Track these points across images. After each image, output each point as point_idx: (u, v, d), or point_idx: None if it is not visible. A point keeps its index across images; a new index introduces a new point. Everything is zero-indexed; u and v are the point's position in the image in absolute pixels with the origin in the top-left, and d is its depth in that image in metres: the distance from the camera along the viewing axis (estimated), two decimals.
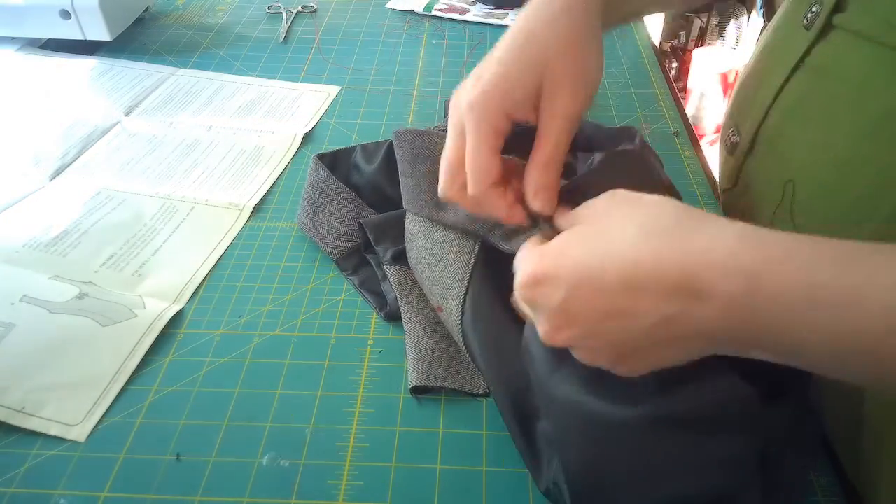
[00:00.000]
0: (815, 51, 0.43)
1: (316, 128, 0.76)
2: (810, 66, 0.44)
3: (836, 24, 0.42)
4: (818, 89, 0.43)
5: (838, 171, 0.41)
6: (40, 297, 0.53)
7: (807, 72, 0.44)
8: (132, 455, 0.44)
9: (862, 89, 0.40)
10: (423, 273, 0.52)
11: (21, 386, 0.47)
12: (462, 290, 0.49)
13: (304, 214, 0.61)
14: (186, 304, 0.54)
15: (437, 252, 0.52)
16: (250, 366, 0.50)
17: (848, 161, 0.40)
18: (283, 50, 0.92)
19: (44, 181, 0.66)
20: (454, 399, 0.48)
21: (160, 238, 0.60)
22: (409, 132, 0.56)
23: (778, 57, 0.47)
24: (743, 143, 0.49)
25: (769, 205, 0.46)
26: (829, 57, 0.42)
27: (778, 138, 0.46)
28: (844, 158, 0.40)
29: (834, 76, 0.42)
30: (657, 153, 0.51)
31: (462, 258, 0.50)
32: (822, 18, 0.42)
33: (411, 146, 0.55)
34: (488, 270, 0.50)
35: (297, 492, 0.42)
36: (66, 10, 0.83)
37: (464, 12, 1.01)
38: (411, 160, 0.55)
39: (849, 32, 0.41)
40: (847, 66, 0.41)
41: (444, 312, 0.50)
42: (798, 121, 0.44)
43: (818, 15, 0.42)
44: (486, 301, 0.49)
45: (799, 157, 0.44)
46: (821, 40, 0.43)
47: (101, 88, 0.82)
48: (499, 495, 0.42)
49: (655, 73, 0.87)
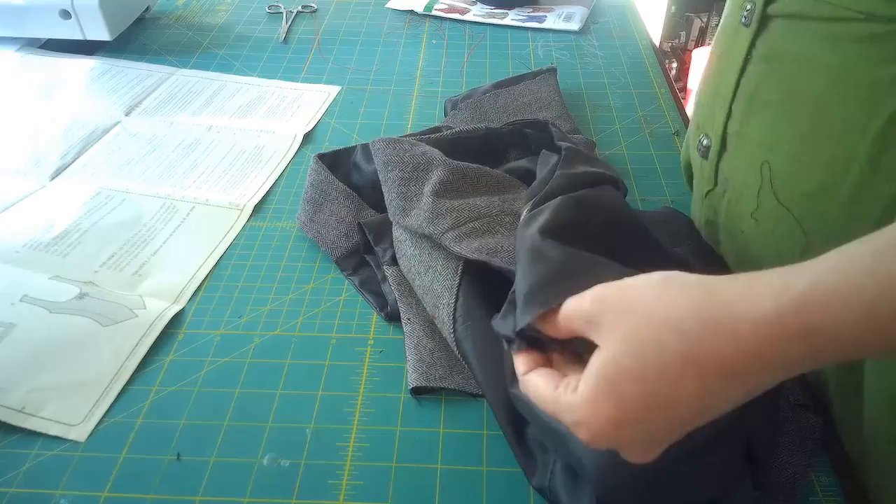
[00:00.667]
0: (759, 42, 0.46)
1: (316, 128, 0.76)
2: (757, 56, 0.46)
3: (771, 13, 0.45)
4: (771, 72, 0.46)
5: (806, 141, 0.43)
6: (40, 297, 0.53)
7: (756, 62, 0.47)
8: (132, 455, 0.44)
9: (810, 63, 0.42)
10: (414, 281, 0.53)
11: (21, 386, 0.47)
12: (452, 298, 0.49)
13: (304, 214, 0.61)
14: (187, 304, 0.54)
15: (425, 259, 0.52)
16: (251, 366, 0.50)
17: (813, 130, 0.43)
18: (283, 50, 0.92)
19: (44, 181, 0.66)
20: (454, 399, 0.48)
21: (160, 238, 0.60)
22: (382, 141, 0.59)
23: (726, 58, 0.49)
24: (714, 144, 0.52)
25: (751, 191, 0.47)
26: (773, 44, 0.45)
27: (745, 128, 0.48)
28: (809, 128, 0.43)
29: (782, 59, 0.45)
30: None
31: (450, 265, 0.51)
32: (757, 11, 0.45)
33: (383, 154, 0.58)
34: (477, 276, 0.50)
35: (298, 492, 0.42)
36: (66, 10, 0.83)
37: (464, 12, 1.01)
38: (384, 168, 0.57)
39: (784, 18, 0.44)
40: (789, 47, 0.44)
41: (438, 320, 0.50)
42: (759, 105, 0.47)
43: (753, 10, 0.46)
44: (476, 308, 0.48)
45: (767, 139, 0.46)
46: (762, 32, 0.46)
47: (101, 88, 0.82)
48: (499, 495, 0.42)
49: (655, 73, 0.87)
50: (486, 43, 0.94)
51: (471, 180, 0.55)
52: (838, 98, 0.41)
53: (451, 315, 0.49)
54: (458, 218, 0.52)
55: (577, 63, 0.89)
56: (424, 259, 0.52)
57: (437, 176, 0.54)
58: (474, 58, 0.90)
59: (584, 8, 1.02)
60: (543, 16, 1.00)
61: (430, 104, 0.80)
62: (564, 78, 0.83)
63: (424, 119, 0.78)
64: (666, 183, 0.67)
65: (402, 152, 0.57)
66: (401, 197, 0.55)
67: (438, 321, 0.50)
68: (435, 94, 0.82)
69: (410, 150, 0.57)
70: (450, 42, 0.94)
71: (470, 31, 0.97)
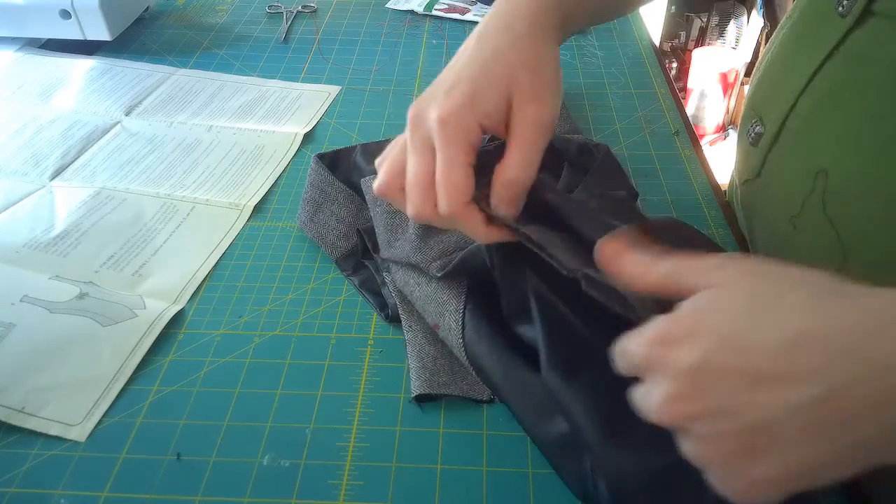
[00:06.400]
0: (852, 38, 0.42)
1: (316, 128, 0.76)
2: (846, 53, 0.42)
3: (875, 10, 0.40)
4: (854, 77, 0.41)
5: (876, 160, 0.39)
6: (40, 297, 0.53)
7: (841, 59, 0.42)
8: (132, 455, 0.44)
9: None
10: (413, 293, 0.52)
11: (21, 386, 0.47)
12: (461, 304, 0.49)
13: (304, 214, 0.61)
14: (187, 304, 0.54)
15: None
16: (251, 366, 0.50)
17: (886, 150, 0.39)
18: (283, 50, 0.92)
19: (44, 181, 0.66)
20: (455, 400, 0.48)
21: (160, 238, 0.60)
22: (372, 178, 0.59)
23: (807, 45, 0.45)
24: (768, 132, 0.48)
25: (797, 196, 0.44)
26: (868, 44, 0.41)
27: (808, 127, 0.44)
28: (883, 147, 0.39)
29: (872, 64, 0.40)
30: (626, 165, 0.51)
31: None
32: (860, 5, 0.41)
33: (371, 190, 0.57)
34: (483, 285, 0.50)
35: (298, 492, 0.42)
36: (66, 10, 0.83)
37: (464, 12, 1.01)
38: (372, 204, 0.57)
39: (889, 18, 0.39)
40: (887, 53, 0.39)
41: (443, 329, 0.49)
42: (831, 109, 0.43)
43: (855, 2, 0.41)
44: (485, 311, 0.48)
45: (832, 146, 0.42)
46: (858, 27, 0.41)
47: (101, 88, 0.82)
48: (499, 495, 0.42)
49: (655, 73, 0.87)
50: None
51: None
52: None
53: (460, 322, 0.48)
54: (446, 248, 0.52)
55: (576, 63, 0.89)
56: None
57: None
58: None
59: None
60: None
61: None
62: (564, 78, 0.83)
63: None
64: (666, 183, 0.67)
65: None
66: (387, 230, 0.55)
67: (443, 329, 0.49)
68: None
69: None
70: (450, 42, 0.94)
71: (470, 31, 0.97)
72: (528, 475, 0.43)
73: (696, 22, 2.15)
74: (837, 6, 0.42)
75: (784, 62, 0.48)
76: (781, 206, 0.46)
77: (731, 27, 2.16)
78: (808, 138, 0.45)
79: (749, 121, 0.51)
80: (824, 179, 0.42)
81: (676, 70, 2.22)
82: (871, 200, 0.39)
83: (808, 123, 0.45)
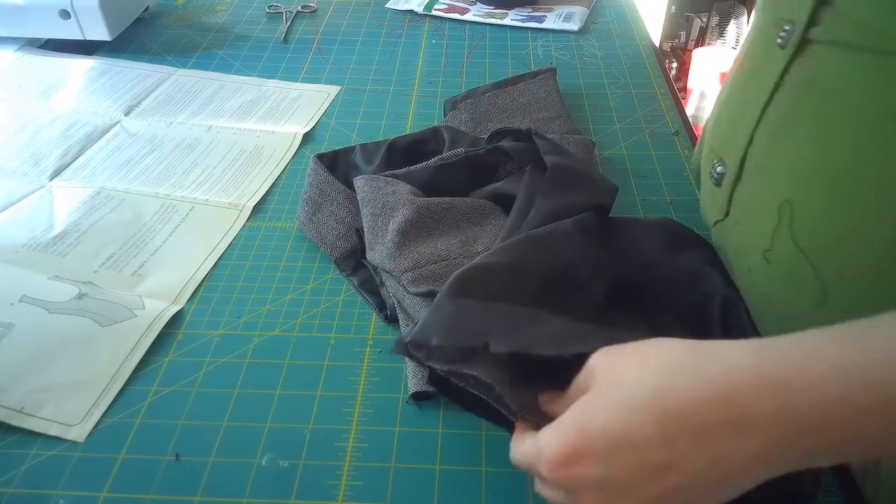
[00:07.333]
0: (794, 67, 0.42)
1: (316, 128, 0.76)
2: (790, 83, 0.43)
3: (812, 38, 0.40)
4: (804, 104, 0.42)
5: (839, 183, 0.39)
6: (40, 297, 0.53)
7: (788, 89, 0.43)
8: (131, 455, 0.44)
9: (850, 97, 0.38)
10: (404, 300, 0.52)
11: (20, 386, 0.47)
12: None
13: (303, 215, 0.61)
14: (186, 305, 0.54)
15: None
16: (250, 366, 0.50)
17: (848, 172, 0.39)
18: (282, 50, 0.92)
19: (43, 181, 0.66)
20: None
21: (160, 238, 0.60)
22: (362, 178, 0.60)
23: (755, 80, 0.46)
24: (730, 172, 0.48)
25: (767, 229, 0.44)
26: (810, 71, 0.41)
27: (767, 160, 0.45)
28: (844, 170, 0.39)
29: (818, 89, 0.41)
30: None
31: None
32: (797, 34, 0.41)
33: (361, 192, 0.59)
34: None
35: (297, 492, 0.42)
36: (66, 10, 0.83)
37: (464, 12, 1.01)
38: (361, 205, 0.58)
39: (826, 44, 0.40)
40: (830, 77, 0.40)
41: None
42: (787, 139, 0.43)
43: (792, 32, 0.41)
44: None
45: (793, 176, 0.42)
46: (798, 56, 0.42)
47: (101, 88, 0.81)
48: (498, 496, 0.42)
49: (655, 73, 0.87)
50: (486, 43, 0.94)
51: (436, 216, 0.56)
52: (882, 140, 0.37)
53: None
54: (419, 260, 0.52)
55: (576, 63, 0.89)
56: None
57: (403, 215, 0.55)
58: (474, 58, 0.90)
59: (584, 8, 1.02)
60: (543, 16, 1.00)
61: (430, 104, 0.80)
62: (564, 78, 0.83)
63: (424, 119, 0.78)
64: (666, 183, 0.67)
65: (376, 190, 0.58)
66: (370, 232, 0.56)
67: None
68: (434, 94, 0.82)
69: (384, 189, 0.58)
70: (449, 42, 0.94)
71: (470, 31, 0.97)
72: (526, 476, 0.43)
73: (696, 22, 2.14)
74: (777, 38, 0.43)
75: (737, 100, 0.49)
76: (753, 242, 0.46)
77: (731, 27, 2.16)
78: (768, 171, 0.45)
79: (710, 162, 0.51)
80: (789, 210, 0.42)
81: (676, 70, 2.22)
82: (836, 227, 0.39)
83: (767, 156, 0.45)
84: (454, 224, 0.56)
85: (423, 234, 0.55)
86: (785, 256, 0.43)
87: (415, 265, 0.52)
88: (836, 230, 0.39)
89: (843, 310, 0.30)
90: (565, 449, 0.30)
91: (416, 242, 0.54)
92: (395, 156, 0.65)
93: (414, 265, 0.52)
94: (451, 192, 0.59)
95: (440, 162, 0.62)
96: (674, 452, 0.29)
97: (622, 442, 0.29)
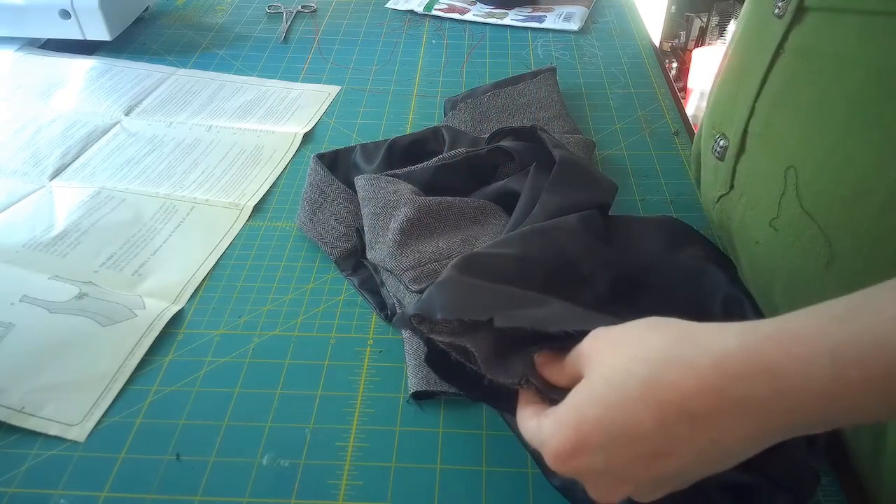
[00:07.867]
0: (792, 35, 0.43)
1: (316, 128, 0.76)
2: (790, 50, 0.44)
3: (808, 5, 0.42)
4: (803, 70, 0.43)
5: (839, 144, 0.40)
6: (40, 297, 0.53)
7: (788, 57, 0.44)
8: (132, 455, 0.44)
9: (848, 59, 0.40)
10: (404, 299, 0.52)
11: (21, 386, 0.47)
12: None
13: (303, 214, 0.61)
14: (186, 304, 0.54)
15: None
16: (250, 366, 0.50)
17: (847, 132, 0.40)
18: (283, 50, 0.92)
19: (43, 181, 0.66)
20: (454, 399, 0.48)
21: (160, 238, 0.60)
22: (364, 178, 0.60)
23: (754, 51, 0.47)
24: (732, 144, 0.49)
25: (772, 198, 0.45)
26: (808, 37, 0.43)
27: (769, 129, 0.46)
28: (843, 130, 0.40)
29: (817, 54, 0.42)
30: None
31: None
32: (793, 3, 0.42)
33: (362, 191, 0.59)
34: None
35: (297, 492, 0.42)
36: (66, 10, 0.83)
37: (464, 12, 1.01)
38: (362, 204, 0.58)
39: (822, 11, 0.41)
40: (828, 42, 0.41)
41: None
42: (788, 106, 0.44)
43: (788, 1, 0.43)
44: None
45: (795, 141, 0.43)
46: (795, 24, 0.43)
47: (101, 88, 0.82)
48: (499, 495, 0.42)
49: (655, 73, 0.87)
50: (486, 43, 0.94)
51: (437, 215, 0.56)
52: (879, 99, 0.38)
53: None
54: (420, 259, 0.52)
55: (576, 63, 0.89)
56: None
57: (403, 214, 0.55)
58: (474, 58, 0.90)
59: (584, 8, 1.02)
60: (543, 16, 1.00)
61: (430, 104, 0.80)
62: (564, 78, 0.83)
63: (424, 119, 0.78)
64: (666, 183, 0.67)
65: (378, 189, 0.58)
66: (370, 230, 0.56)
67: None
68: (435, 94, 0.82)
69: (385, 188, 0.58)
70: (449, 42, 0.94)
71: (470, 31, 0.97)
72: (527, 475, 0.43)
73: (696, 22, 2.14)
74: (774, 8, 0.44)
75: (736, 75, 0.50)
76: (760, 213, 0.47)
77: (731, 27, 2.16)
78: (771, 139, 0.46)
79: (711, 138, 0.52)
80: (794, 175, 0.43)
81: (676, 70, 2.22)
82: (841, 186, 0.40)
83: (769, 125, 0.46)
84: (455, 223, 0.56)
85: (425, 233, 0.55)
86: (793, 222, 0.43)
87: (416, 264, 0.52)
88: (839, 191, 0.40)
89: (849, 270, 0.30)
90: (565, 445, 0.31)
91: (418, 241, 0.54)
92: (395, 156, 0.65)
93: (415, 264, 0.52)
94: (452, 192, 0.59)
95: (441, 162, 0.62)
96: (672, 440, 0.30)
97: (619, 433, 0.30)
